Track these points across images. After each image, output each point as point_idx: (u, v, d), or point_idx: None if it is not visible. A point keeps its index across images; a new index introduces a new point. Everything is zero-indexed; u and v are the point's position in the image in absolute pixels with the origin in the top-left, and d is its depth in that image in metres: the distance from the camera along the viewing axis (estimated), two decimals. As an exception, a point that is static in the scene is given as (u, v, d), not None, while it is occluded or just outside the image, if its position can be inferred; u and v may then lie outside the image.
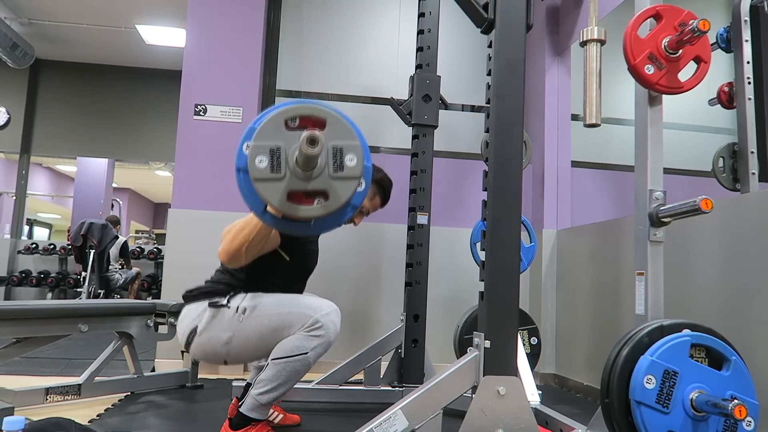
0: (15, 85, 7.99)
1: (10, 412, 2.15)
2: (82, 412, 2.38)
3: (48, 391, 2.43)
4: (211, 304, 1.94)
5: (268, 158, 1.37)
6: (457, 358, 1.79)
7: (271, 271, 2.02)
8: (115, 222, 6.94)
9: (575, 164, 3.89)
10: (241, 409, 1.89)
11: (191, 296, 2.02)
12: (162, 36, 6.92)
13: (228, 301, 1.93)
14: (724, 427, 1.51)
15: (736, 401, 1.38)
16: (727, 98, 2.74)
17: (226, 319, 1.91)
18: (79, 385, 2.53)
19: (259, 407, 1.87)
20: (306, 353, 1.84)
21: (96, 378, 2.60)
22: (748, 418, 1.49)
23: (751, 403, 1.51)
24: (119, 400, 2.64)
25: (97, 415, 2.35)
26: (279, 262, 2.03)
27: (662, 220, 1.75)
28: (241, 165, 1.42)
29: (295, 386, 2.62)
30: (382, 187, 2.36)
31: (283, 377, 1.85)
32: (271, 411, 2.31)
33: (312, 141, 1.29)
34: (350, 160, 1.40)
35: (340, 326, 1.91)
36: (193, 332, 1.94)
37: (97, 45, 7.55)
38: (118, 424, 2.22)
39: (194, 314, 1.96)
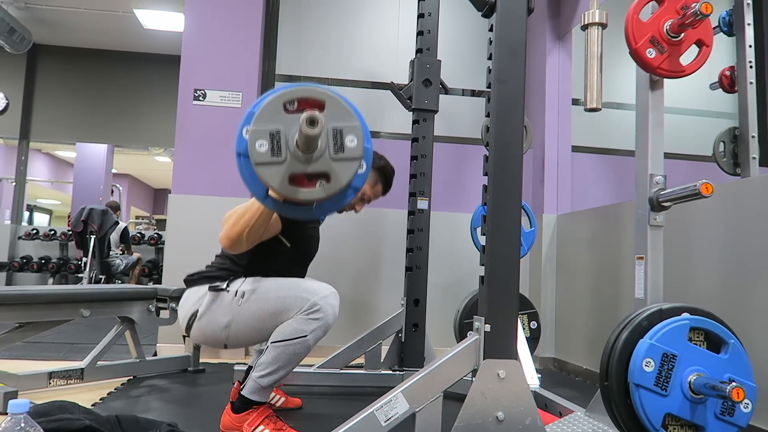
0: (13, 70, 7.94)
1: (14, 395, 2.17)
2: (85, 396, 2.40)
3: (51, 375, 2.45)
4: (211, 288, 1.95)
5: (268, 142, 1.36)
6: (458, 343, 1.80)
7: (271, 258, 2.03)
8: (116, 208, 6.94)
9: (576, 149, 3.88)
10: (242, 392, 1.90)
11: (192, 280, 2.03)
12: (160, 20, 6.86)
13: (227, 285, 1.94)
14: (721, 409, 1.52)
15: (733, 384, 1.39)
16: (729, 82, 2.72)
17: (225, 302, 1.92)
18: (82, 369, 2.55)
19: (260, 390, 1.89)
20: (305, 336, 1.84)
21: (98, 362, 2.62)
22: (746, 401, 1.51)
23: (749, 386, 1.52)
24: (122, 385, 2.66)
25: (100, 399, 2.37)
26: (279, 249, 2.03)
27: (662, 204, 1.75)
28: (241, 150, 1.42)
29: (296, 370, 2.65)
30: (384, 174, 2.35)
31: (284, 360, 1.86)
32: (273, 394, 2.33)
33: (311, 121, 1.29)
34: (350, 141, 1.39)
35: (340, 310, 1.92)
36: (193, 316, 1.96)
37: (95, 29, 7.49)
38: (121, 408, 2.25)
39: (195, 298, 1.97)
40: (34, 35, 7.10)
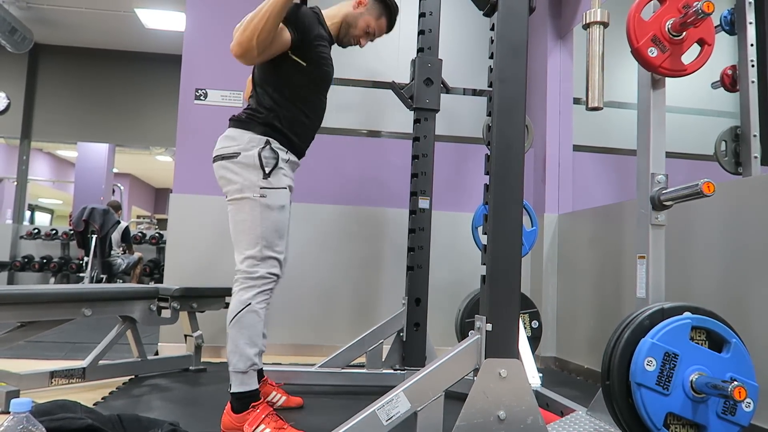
0: (14, 70, 7.95)
1: (15, 394, 2.18)
2: (86, 395, 2.40)
3: (53, 374, 2.45)
4: (261, 154, 1.97)
5: None
6: (459, 342, 1.80)
7: (294, 82, 2.05)
8: (117, 207, 6.95)
9: (577, 148, 3.87)
10: (231, 391, 1.92)
11: (241, 120, 2.05)
12: (161, 20, 6.87)
13: (270, 172, 1.97)
14: (723, 409, 1.52)
15: (735, 383, 1.39)
16: (730, 81, 2.72)
17: (254, 178, 1.96)
18: (84, 368, 2.55)
19: (242, 378, 1.91)
20: (249, 303, 1.92)
21: (100, 362, 2.62)
22: (748, 400, 1.50)
23: (751, 385, 1.52)
24: (123, 384, 2.67)
25: (102, 398, 2.37)
26: (297, 70, 2.05)
27: (664, 203, 1.75)
28: None
29: (297, 369, 2.67)
30: (388, 7, 2.32)
31: (244, 336, 1.92)
32: (274, 393, 2.33)
33: None
34: None
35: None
36: (233, 155, 1.99)
37: (96, 29, 7.50)
38: (123, 407, 2.25)
39: (244, 142, 1.99)
40: (36, 35, 7.12)
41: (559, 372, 3.47)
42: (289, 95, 2.06)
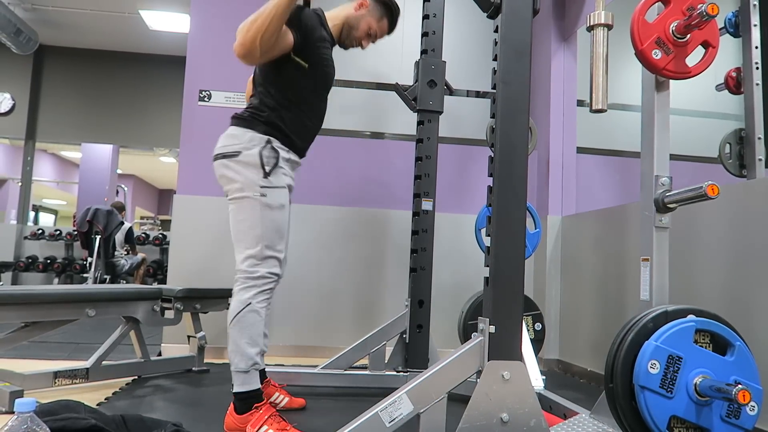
0: (19, 71, 7.98)
1: (19, 394, 2.18)
2: (89, 395, 2.41)
3: (56, 374, 2.45)
4: (262, 153, 1.97)
5: None
6: (462, 344, 1.80)
7: (295, 83, 2.06)
8: (121, 208, 6.96)
9: (581, 150, 3.87)
10: (233, 391, 1.92)
11: (242, 118, 2.06)
12: (166, 21, 6.89)
13: (270, 171, 1.97)
14: (727, 412, 1.51)
15: (739, 386, 1.39)
16: (735, 84, 2.72)
17: (254, 177, 1.96)
18: (87, 369, 2.55)
19: (244, 377, 1.91)
20: (250, 303, 1.92)
21: (103, 362, 2.63)
22: (752, 403, 1.50)
23: (755, 388, 1.51)
24: (126, 384, 2.67)
25: (105, 399, 2.38)
26: (299, 71, 2.05)
27: (668, 205, 1.75)
28: None
29: (300, 371, 2.67)
30: (389, 8, 2.34)
31: (245, 335, 1.92)
32: (277, 394, 2.33)
33: None
34: None
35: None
36: (234, 154, 1.99)
37: (100, 31, 7.52)
38: (126, 408, 2.25)
39: (245, 141, 1.99)
40: (41, 36, 7.14)
41: (562, 374, 3.46)
42: (290, 96, 2.06)
